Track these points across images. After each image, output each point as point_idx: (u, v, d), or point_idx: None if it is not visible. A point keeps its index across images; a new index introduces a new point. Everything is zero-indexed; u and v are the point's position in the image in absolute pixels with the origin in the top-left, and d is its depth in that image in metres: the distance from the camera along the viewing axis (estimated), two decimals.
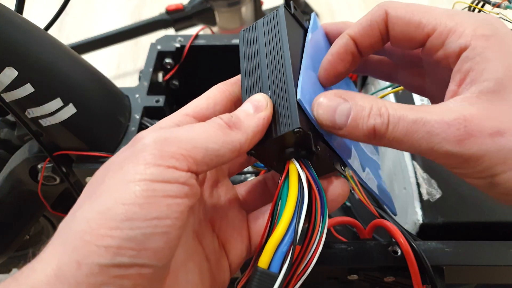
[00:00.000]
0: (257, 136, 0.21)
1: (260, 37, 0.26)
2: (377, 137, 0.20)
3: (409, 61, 0.26)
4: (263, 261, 0.19)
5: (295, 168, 0.22)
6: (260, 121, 0.21)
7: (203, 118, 0.23)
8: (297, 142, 0.22)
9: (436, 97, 0.26)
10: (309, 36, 0.27)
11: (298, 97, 0.21)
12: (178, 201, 0.18)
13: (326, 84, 0.25)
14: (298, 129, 0.21)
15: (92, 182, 0.19)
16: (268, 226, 0.21)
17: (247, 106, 0.22)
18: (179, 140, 0.19)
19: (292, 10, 0.27)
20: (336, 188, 0.25)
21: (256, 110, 0.21)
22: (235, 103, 0.25)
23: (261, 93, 0.23)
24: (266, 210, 0.26)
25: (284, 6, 0.26)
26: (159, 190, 0.17)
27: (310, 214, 0.21)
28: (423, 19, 0.22)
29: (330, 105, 0.21)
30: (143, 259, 0.17)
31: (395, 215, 0.30)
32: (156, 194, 0.17)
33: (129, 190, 0.17)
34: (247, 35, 0.26)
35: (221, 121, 0.20)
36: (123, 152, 0.20)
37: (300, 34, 0.27)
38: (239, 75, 0.26)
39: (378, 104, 0.20)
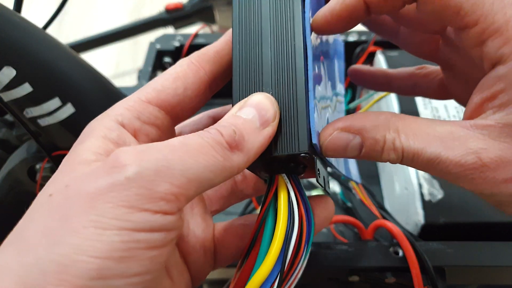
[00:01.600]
0: (256, 157, 0.18)
1: (264, 6, 0.20)
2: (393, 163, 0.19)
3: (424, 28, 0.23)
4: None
5: (284, 187, 0.19)
6: (265, 139, 0.18)
7: (168, 107, 0.19)
8: (292, 159, 0.19)
9: (449, 77, 0.24)
10: (307, 6, 0.20)
11: (314, 141, 0.18)
12: (162, 251, 0.15)
13: (318, 32, 0.21)
14: (305, 154, 0.18)
15: (48, 208, 0.15)
16: (250, 250, 0.19)
17: (253, 115, 0.18)
18: (172, 174, 0.15)
19: None
20: (323, 211, 0.22)
21: (262, 124, 0.18)
22: (210, 85, 0.21)
23: (268, 96, 0.18)
24: (237, 221, 0.23)
25: None
26: (142, 241, 0.14)
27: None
28: (466, 4, 0.17)
29: (340, 144, 0.19)
30: None
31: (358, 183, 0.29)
32: (138, 246, 0.14)
33: (104, 239, 0.13)
34: None
35: (222, 140, 0.16)
36: (96, 179, 0.15)
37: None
38: (219, 45, 0.21)
39: (391, 135, 0.18)
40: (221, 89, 0.22)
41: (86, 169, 0.16)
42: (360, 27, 0.19)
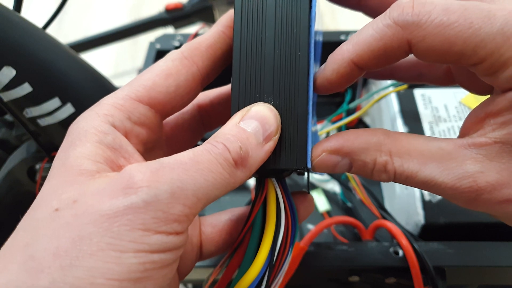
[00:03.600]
0: (257, 169, 0.18)
1: (270, 11, 0.19)
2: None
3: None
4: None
5: (273, 192, 0.20)
6: (267, 154, 0.18)
7: (158, 106, 0.19)
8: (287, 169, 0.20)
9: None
10: (315, 2, 0.19)
11: (309, 165, 0.19)
12: (172, 267, 0.16)
13: (319, 93, 0.21)
14: (301, 170, 0.19)
15: (53, 223, 0.14)
16: (237, 249, 0.20)
17: (257, 130, 0.18)
18: (185, 195, 0.15)
19: None
20: (305, 207, 0.23)
21: (265, 139, 0.18)
22: (202, 81, 0.20)
23: (272, 109, 0.18)
24: (224, 216, 0.24)
25: None
26: (157, 262, 0.14)
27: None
28: (466, 49, 0.16)
29: (329, 165, 0.19)
30: None
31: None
32: (154, 266, 0.14)
33: (122, 262, 0.13)
34: None
35: (229, 157, 0.17)
36: (111, 199, 0.14)
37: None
38: (211, 38, 0.20)
39: (382, 158, 0.18)
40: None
41: (93, 183, 0.15)
42: (359, 27, 0.19)
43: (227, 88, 0.24)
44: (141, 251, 0.14)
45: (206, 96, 0.24)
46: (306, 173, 0.20)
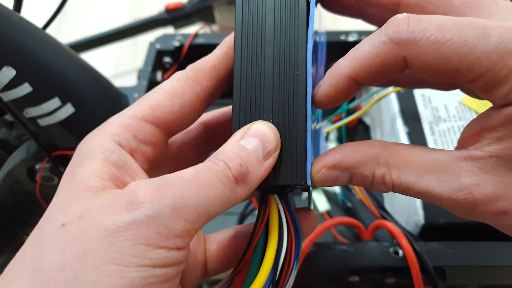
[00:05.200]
0: (257, 186, 0.18)
1: (269, 22, 0.19)
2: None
3: None
4: None
5: (276, 209, 0.20)
6: (267, 171, 0.18)
7: (164, 124, 0.20)
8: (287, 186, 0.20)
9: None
10: (312, 24, 0.19)
11: (309, 182, 0.19)
12: (174, 282, 0.16)
13: (318, 108, 0.21)
14: (301, 186, 0.19)
15: (58, 237, 0.15)
16: (239, 266, 0.20)
17: (257, 147, 0.18)
18: (187, 210, 0.15)
19: None
20: (309, 224, 0.23)
21: (265, 156, 0.18)
22: (206, 100, 0.21)
23: (271, 127, 0.19)
24: (228, 233, 0.24)
25: None
26: (159, 276, 0.15)
27: (286, 254, 0.20)
28: (461, 66, 0.16)
29: (329, 180, 0.19)
30: None
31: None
32: (155, 280, 0.15)
33: (124, 276, 0.14)
34: (249, 10, 0.19)
35: (230, 174, 0.17)
36: (115, 215, 0.15)
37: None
38: (215, 59, 0.20)
39: (381, 170, 0.18)
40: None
41: (98, 199, 0.16)
42: (360, 27, 0.19)
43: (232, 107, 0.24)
44: (143, 266, 0.14)
45: (211, 115, 0.25)
46: (308, 190, 0.21)
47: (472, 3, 0.18)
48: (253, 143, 0.18)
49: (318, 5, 0.23)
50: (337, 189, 0.44)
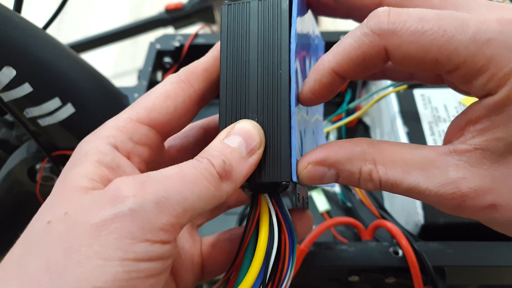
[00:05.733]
0: (243, 182, 0.19)
1: (253, 25, 0.20)
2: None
3: None
4: None
5: (266, 209, 0.20)
6: (251, 167, 0.19)
7: (159, 126, 0.20)
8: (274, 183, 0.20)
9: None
10: (294, 24, 0.20)
11: (294, 179, 0.19)
12: (160, 278, 0.16)
13: (304, 105, 0.21)
14: (286, 182, 0.19)
15: (46, 233, 0.15)
16: (235, 265, 0.20)
17: (240, 145, 0.18)
18: (171, 205, 0.16)
19: None
20: (304, 225, 0.23)
21: (249, 153, 0.18)
22: (199, 102, 0.21)
23: (255, 125, 0.19)
24: (224, 235, 0.24)
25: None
26: (142, 271, 0.15)
27: (279, 254, 0.20)
28: (440, 56, 0.17)
29: (315, 177, 0.19)
30: None
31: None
32: (139, 275, 0.15)
33: (107, 270, 0.14)
34: (233, 15, 0.20)
35: (213, 171, 0.17)
36: (100, 210, 0.15)
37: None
38: (207, 62, 0.21)
39: (367, 167, 0.18)
40: None
41: (85, 197, 0.16)
42: (355, 24, 0.19)
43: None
44: (127, 260, 0.14)
45: (210, 120, 0.25)
46: (297, 193, 0.21)
47: (451, 1, 0.18)
48: (237, 141, 0.18)
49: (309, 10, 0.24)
50: (337, 189, 0.44)
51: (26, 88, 0.31)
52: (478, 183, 0.17)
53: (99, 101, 0.38)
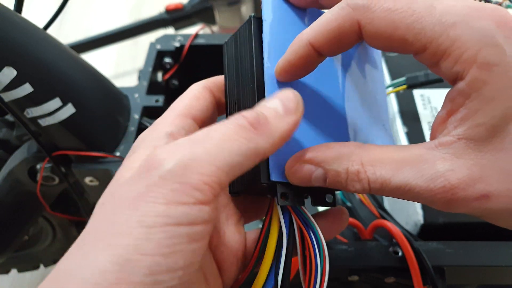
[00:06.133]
0: (283, 142, 0.18)
1: (243, 48, 0.23)
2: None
3: None
4: None
5: (277, 212, 0.21)
6: (290, 126, 0.18)
7: (197, 119, 0.22)
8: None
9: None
10: (266, 27, 0.22)
11: (272, 178, 0.20)
12: (201, 244, 0.16)
13: (281, 80, 0.21)
14: (265, 183, 0.20)
15: (100, 216, 0.17)
16: (252, 265, 0.22)
17: (276, 103, 0.18)
18: (199, 165, 0.16)
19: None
20: (339, 221, 0.24)
21: (286, 112, 0.18)
22: (218, 108, 0.24)
23: (293, 91, 0.19)
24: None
25: (252, 16, 0.22)
26: (184, 236, 0.15)
27: (306, 259, 0.21)
28: (408, 34, 0.17)
29: (303, 176, 0.19)
30: None
31: None
32: (182, 241, 0.15)
33: (151, 238, 0.15)
34: (229, 46, 0.24)
35: (244, 122, 0.17)
36: (136, 183, 0.16)
37: None
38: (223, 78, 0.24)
39: (354, 167, 0.18)
40: None
41: (128, 176, 0.17)
42: None
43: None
44: (168, 225, 0.15)
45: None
46: (278, 193, 0.21)
47: None
48: (273, 101, 0.19)
49: None
50: None
51: (26, 88, 0.31)
52: (466, 173, 0.17)
53: (100, 101, 0.38)
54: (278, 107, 0.18)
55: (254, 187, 0.21)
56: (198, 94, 0.22)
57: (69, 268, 0.15)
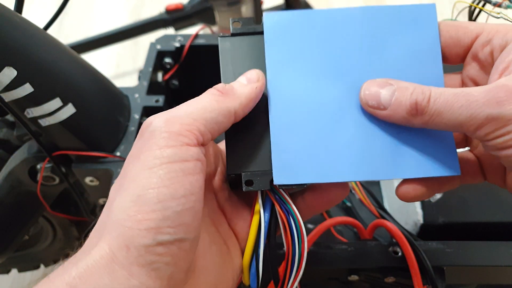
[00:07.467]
0: (250, 104, 0.23)
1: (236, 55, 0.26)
2: (419, 111, 0.21)
3: None
4: (245, 278, 0.25)
5: (257, 201, 0.24)
6: (253, 89, 0.23)
7: None
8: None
9: None
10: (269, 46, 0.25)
11: (275, 182, 0.23)
12: (197, 177, 0.20)
13: None
14: (232, 175, 0.23)
15: (118, 178, 0.21)
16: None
17: (241, 78, 0.24)
18: (180, 117, 0.20)
19: (233, 30, 0.26)
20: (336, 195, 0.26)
21: (248, 82, 0.24)
22: None
23: (255, 69, 0.24)
24: None
25: (220, 36, 0.26)
26: (179, 170, 0.19)
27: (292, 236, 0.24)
28: (470, 25, 0.24)
29: (375, 89, 0.23)
30: (180, 234, 0.19)
31: None
32: (178, 174, 0.19)
33: (153, 175, 0.19)
34: (226, 48, 0.26)
35: (214, 91, 0.22)
36: (137, 144, 0.21)
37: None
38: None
39: (422, 86, 0.22)
40: None
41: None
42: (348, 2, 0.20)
43: None
44: (164, 164, 0.19)
45: None
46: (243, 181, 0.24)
47: None
48: (239, 78, 0.24)
49: None
50: None
51: (27, 89, 0.31)
52: None
53: (100, 101, 0.38)
54: (242, 79, 0.24)
55: (235, 181, 0.25)
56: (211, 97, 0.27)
57: (103, 216, 0.20)
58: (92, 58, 0.72)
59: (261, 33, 0.25)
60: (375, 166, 0.23)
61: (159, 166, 0.19)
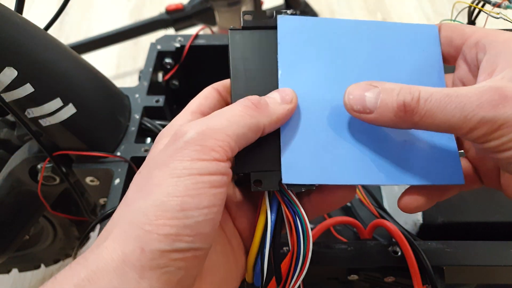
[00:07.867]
0: (279, 124, 0.23)
1: (248, 54, 0.25)
2: (408, 112, 0.21)
3: None
4: (249, 276, 0.25)
5: (265, 201, 0.24)
6: (285, 111, 0.23)
7: (206, 115, 0.25)
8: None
9: None
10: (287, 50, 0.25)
11: (284, 181, 0.23)
12: (221, 190, 0.20)
13: None
14: (239, 174, 0.23)
15: (138, 179, 0.22)
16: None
17: (275, 95, 0.24)
18: (214, 133, 0.21)
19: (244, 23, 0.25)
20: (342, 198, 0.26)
21: (282, 101, 0.23)
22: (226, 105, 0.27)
23: (290, 89, 0.24)
24: None
25: (230, 29, 0.26)
26: (206, 182, 0.20)
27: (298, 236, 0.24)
28: (465, 28, 0.24)
29: (360, 93, 0.22)
30: (197, 243, 0.19)
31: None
32: (204, 186, 0.19)
33: (180, 184, 0.19)
34: (237, 48, 0.26)
35: (248, 103, 0.22)
36: (166, 150, 0.21)
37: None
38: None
39: (409, 86, 0.21)
40: None
41: (160, 148, 0.22)
42: (353, 11, 0.20)
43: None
44: (192, 174, 0.19)
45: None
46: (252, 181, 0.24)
47: None
48: (273, 93, 0.24)
49: None
50: None
51: (27, 89, 0.31)
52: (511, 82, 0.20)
53: (101, 101, 0.38)
54: (277, 97, 0.24)
55: (242, 180, 0.26)
56: (207, 94, 0.26)
57: (118, 216, 0.20)
58: (92, 58, 0.72)
59: (273, 27, 0.25)
60: (382, 171, 0.24)
61: (187, 176, 0.19)
